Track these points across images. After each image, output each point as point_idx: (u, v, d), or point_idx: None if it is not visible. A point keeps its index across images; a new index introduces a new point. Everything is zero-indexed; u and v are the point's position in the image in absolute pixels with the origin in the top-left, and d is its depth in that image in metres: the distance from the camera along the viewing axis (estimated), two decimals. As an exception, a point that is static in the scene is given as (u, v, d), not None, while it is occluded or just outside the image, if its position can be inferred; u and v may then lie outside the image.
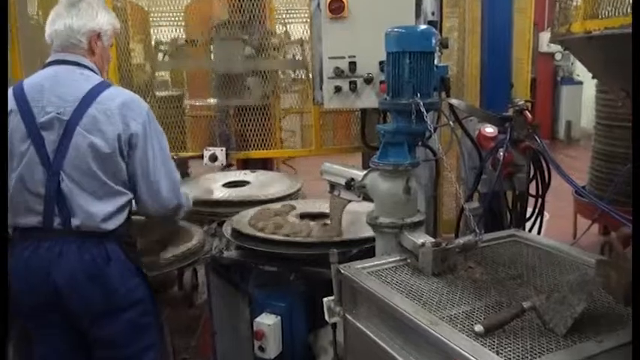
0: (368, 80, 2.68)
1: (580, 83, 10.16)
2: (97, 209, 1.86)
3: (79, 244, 1.85)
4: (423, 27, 1.79)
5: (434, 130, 1.82)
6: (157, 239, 2.48)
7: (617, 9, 1.61)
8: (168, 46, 3.72)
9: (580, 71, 9.92)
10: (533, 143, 2.25)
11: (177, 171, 2.07)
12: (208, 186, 3.54)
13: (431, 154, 2.80)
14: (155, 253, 2.35)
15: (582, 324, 1.26)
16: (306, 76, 3.64)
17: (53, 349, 1.97)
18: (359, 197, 2.01)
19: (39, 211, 1.85)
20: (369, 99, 2.72)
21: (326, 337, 2.08)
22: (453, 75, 3.74)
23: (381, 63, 2.55)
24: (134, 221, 2.06)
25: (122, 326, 1.94)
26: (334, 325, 1.76)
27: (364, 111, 3.15)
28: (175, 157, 3.37)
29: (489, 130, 2.58)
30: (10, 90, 1.89)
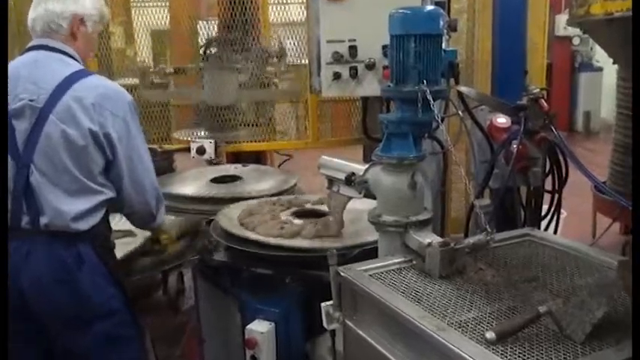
0: (370, 66, 2.68)
1: (600, 70, 10.18)
2: (68, 207, 1.85)
3: (48, 245, 1.85)
4: (430, 8, 1.80)
5: (441, 121, 1.83)
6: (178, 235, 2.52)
7: (640, -12, 1.61)
8: (155, 75, 3.72)
9: (600, 56, 9.92)
10: (549, 134, 2.26)
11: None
12: (195, 181, 3.54)
13: (438, 147, 2.80)
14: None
15: (602, 330, 1.26)
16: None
17: None
18: (360, 193, 2.01)
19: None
20: (371, 86, 2.72)
21: (324, 346, 2.09)
22: (462, 60, 3.74)
23: (384, 47, 2.54)
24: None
25: (96, 338, 1.92)
26: (333, 332, 1.76)
27: (366, 99, 3.15)
28: (159, 150, 3.40)
29: (502, 121, 2.59)
30: None
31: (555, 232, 2.57)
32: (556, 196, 2.58)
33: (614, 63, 2.08)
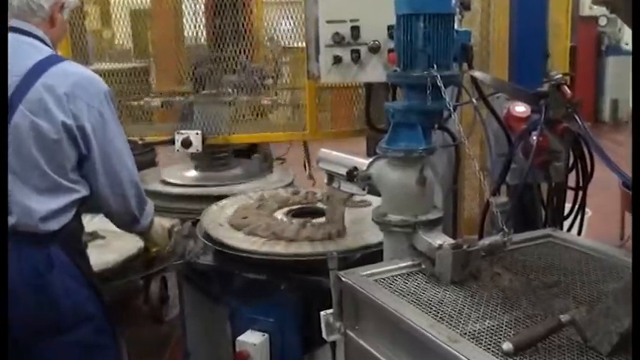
0: (374, 49, 2.68)
1: (629, 53, 10.18)
2: (38, 206, 1.87)
3: (17, 247, 1.85)
4: (441, -16, 1.80)
5: (453, 110, 1.83)
6: None
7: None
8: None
9: (629, 39, 9.93)
10: (572, 125, 2.26)
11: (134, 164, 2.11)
12: (180, 177, 3.55)
13: (449, 139, 2.81)
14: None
15: (630, 341, 1.27)
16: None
17: None
18: (363, 190, 2.02)
19: None
20: (375, 71, 2.72)
21: (324, 359, 2.09)
22: (477, 42, 3.74)
23: (390, 28, 2.55)
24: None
25: (70, 348, 1.94)
26: (334, 344, 1.76)
27: (369, 86, 3.15)
28: (140, 142, 3.40)
29: (520, 110, 2.59)
30: None
31: (579, 233, 2.58)
32: (580, 194, 2.58)
33: (644, 46, 2.08)
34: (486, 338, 1.32)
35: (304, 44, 3.03)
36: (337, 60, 2.73)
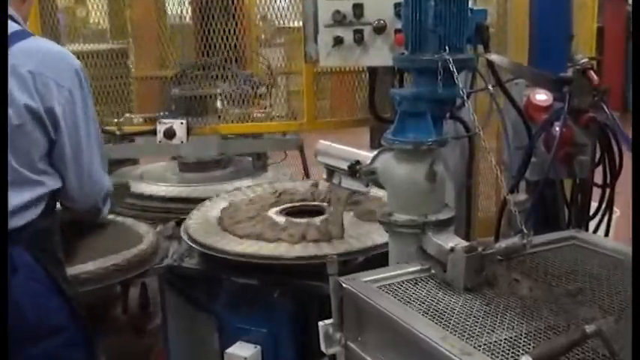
0: (379, 29, 2.68)
1: (662, 35, 10.19)
2: None
3: None
4: (454, -43, 1.80)
5: (467, 97, 1.83)
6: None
7: None
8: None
9: (662, 19, 9.93)
10: (599, 114, 2.26)
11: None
12: (162, 174, 3.55)
13: (463, 130, 2.81)
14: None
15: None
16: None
17: None
18: (366, 187, 2.02)
19: None
20: (380, 54, 2.72)
21: (322, 374, 2.10)
22: (493, 22, 3.74)
23: (397, 6, 2.54)
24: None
25: None
26: (333, 357, 1.77)
27: (374, 71, 3.15)
28: (118, 134, 3.40)
29: (541, 98, 2.59)
30: None
31: (606, 235, 2.59)
32: (607, 191, 2.59)
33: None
34: (503, 351, 1.33)
35: (301, 24, 3.03)
36: (338, 41, 2.73)
